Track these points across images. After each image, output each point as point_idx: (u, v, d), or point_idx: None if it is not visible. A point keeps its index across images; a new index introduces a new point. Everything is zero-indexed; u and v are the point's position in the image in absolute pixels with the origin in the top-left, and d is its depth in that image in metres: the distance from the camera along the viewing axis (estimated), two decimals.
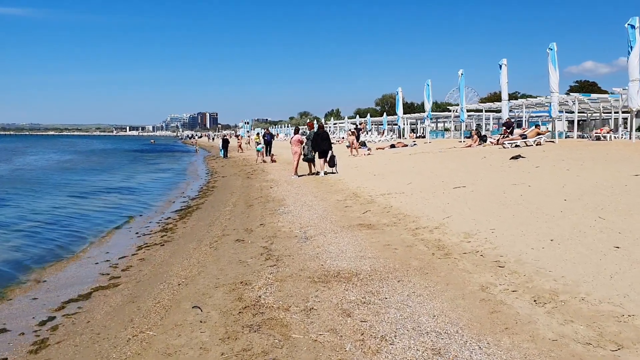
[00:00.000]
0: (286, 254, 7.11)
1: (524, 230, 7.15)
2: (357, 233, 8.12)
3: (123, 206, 15.47)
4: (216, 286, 5.97)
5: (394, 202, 10.76)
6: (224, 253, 7.74)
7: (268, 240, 8.17)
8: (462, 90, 33.39)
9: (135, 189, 20.03)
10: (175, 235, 10.29)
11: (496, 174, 13.45)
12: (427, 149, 26.83)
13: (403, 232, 7.89)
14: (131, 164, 38.95)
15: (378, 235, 7.87)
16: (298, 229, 8.86)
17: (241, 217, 11.16)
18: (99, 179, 24.73)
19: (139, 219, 13.11)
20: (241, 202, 13.69)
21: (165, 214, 13.65)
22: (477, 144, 26.38)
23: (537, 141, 22.31)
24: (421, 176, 14.49)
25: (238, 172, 24.51)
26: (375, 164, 20.30)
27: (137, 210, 14.74)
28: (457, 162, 17.73)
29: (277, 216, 10.37)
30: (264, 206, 12.10)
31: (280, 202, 12.36)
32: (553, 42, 23.41)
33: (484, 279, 5.37)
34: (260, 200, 13.29)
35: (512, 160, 16.20)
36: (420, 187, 12.30)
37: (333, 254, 6.88)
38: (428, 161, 19.40)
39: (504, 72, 28.40)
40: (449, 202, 9.87)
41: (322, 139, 17.84)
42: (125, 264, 8.30)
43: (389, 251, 6.82)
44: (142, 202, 16.51)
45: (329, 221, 9.37)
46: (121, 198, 17.32)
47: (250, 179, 20.15)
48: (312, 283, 5.63)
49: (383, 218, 9.18)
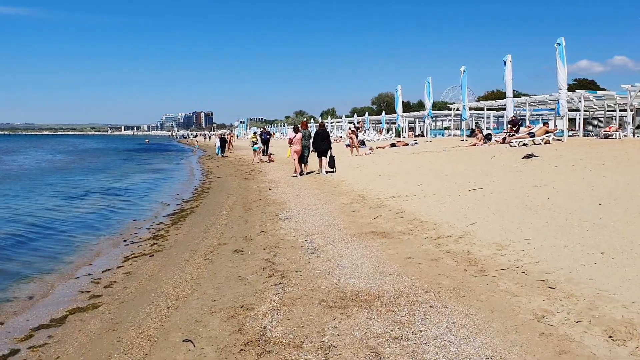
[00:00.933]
0: (292, 268, 6.17)
1: (565, 240, 6.24)
2: (370, 243, 7.19)
3: (112, 210, 14.50)
4: (212, 311, 5.03)
5: (407, 206, 9.84)
6: (221, 267, 6.81)
7: (270, 251, 7.23)
8: (464, 87, 32.57)
9: (127, 191, 19.04)
10: (166, 243, 9.34)
11: (512, 174, 12.55)
12: (430, 148, 25.94)
13: (424, 242, 6.97)
14: (124, 164, 37.88)
15: (395, 245, 6.95)
16: (303, 237, 7.92)
17: (239, 222, 10.22)
18: (89, 180, 23.71)
19: (129, 224, 12.15)
20: (239, 206, 12.75)
21: (157, 219, 12.69)
22: (482, 142, 25.50)
23: (546, 139, 21.43)
24: (431, 177, 13.57)
25: (234, 173, 23.54)
26: (379, 164, 19.39)
27: (127, 214, 13.77)
28: (466, 161, 16.83)
29: (278, 222, 9.44)
30: (264, 210, 11.16)
31: (281, 206, 11.42)
32: (561, 37, 22.56)
33: (536, 305, 4.45)
34: (259, 204, 12.35)
35: (524, 159, 15.32)
36: (432, 189, 11.39)
37: (347, 269, 5.95)
38: (434, 161, 18.49)
39: (508, 69, 27.48)
40: (469, 207, 8.95)
41: (322, 138, 17.38)
42: (108, 278, 7.35)
43: (412, 266, 5.90)
44: (133, 205, 15.54)
45: (336, 228, 8.44)
46: (111, 200, 16.34)
47: (248, 180, 19.20)
48: (327, 308, 4.70)
49: (397, 225, 8.26)
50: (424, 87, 36.35)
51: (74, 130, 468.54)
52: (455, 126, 49.59)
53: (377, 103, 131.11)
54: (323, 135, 17.59)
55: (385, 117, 51.68)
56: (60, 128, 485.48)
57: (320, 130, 17.95)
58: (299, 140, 17.53)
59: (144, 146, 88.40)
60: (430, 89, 36.54)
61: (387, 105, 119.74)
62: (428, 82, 35.83)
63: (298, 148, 17.44)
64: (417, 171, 15.41)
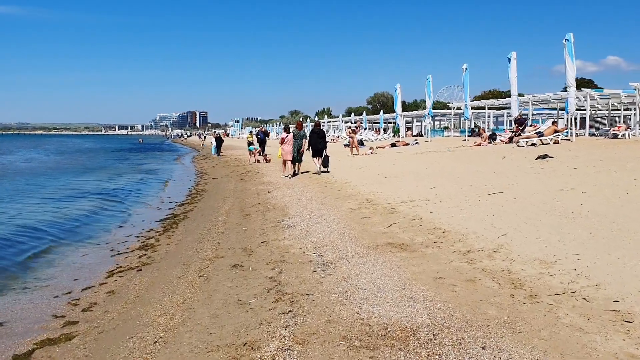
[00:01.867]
0: (302, 290, 5.24)
1: (622, 257, 5.34)
2: (389, 257, 6.27)
3: (100, 214, 13.50)
4: (208, 349, 4.10)
5: (422, 212, 8.93)
6: (218, 286, 5.87)
7: (274, 266, 6.30)
8: (466, 85, 31.62)
9: (117, 193, 18.03)
10: (156, 255, 8.37)
11: (530, 176, 11.67)
12: (433, 148, 25.06)
13: (452, 257, 6.05)
14: (116, 164, 36.76)
15: (419, 261, 6.03)
16: (311, 249, 6.99)
17: (237, 230, 9.27)
18: (78, 181, 22.67)
19: (117, 231, 11.17)
20: (236, 210, 11.81)
21: (147, 225, 11.71)
22: (487, 142, 24.65)
23: (555, 139, 20.61)
24: (442, 179, 12.67)
25: (230, 174, 22.57)
26: (382, 165, 18.47)
27: (115, 219, 12.78)
28: (476, 162, 15.94)
29: (281, 230, 8.50)
30: (264, 216, 10.23)
31: (283, 211, 10.49)
32: (570, 33, 21.73)
33: (616, 346, 3.55)
34: (258, 208, 11.41)
35: (539, 160, 14.47)
36: (447, 193, 10.48)
37: (368, 292, 5.03)
38: (441, 161, 17.59)
39: (513, 66, 26.64)
40: (494, 214, 8.04)
41: (318, 137, 17.35)
42: (88, 299, 6.38)
43: (446, 289, 4.98)
44: (122, 209, 14.55)
45: (347, 238, 7.52)
46: (100, 204, 15.33)
47: (244, 182, 18.25)
48: (352, 349, 3.77)
49: (416, 235, 7.34)
50: (424, 86, 35.49)
51: (67, 130, 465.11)
52: (455, 125, 48.74)
53: (372, 103, 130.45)
54: (319, 135, 17.51)
55: (383, 117, 50.72)
56: (54, 128, 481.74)
57: (316, 130, 17.87)
58: (289, 141, 17.27)
59: (137, 146, 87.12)
60: (431, 87, 35.74)
61: (383, 104, 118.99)
62: (428, 80, 34.98)
63: (288, 148, 17.11)
64: (425, 173, 14.50)
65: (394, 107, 42.84)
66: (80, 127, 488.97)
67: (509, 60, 26.85)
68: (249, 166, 24.72)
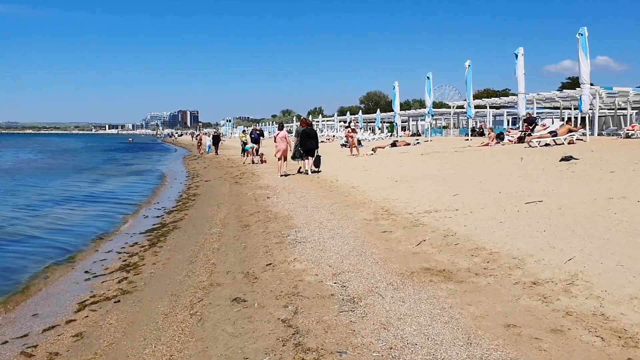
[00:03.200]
0: (330, 344, 3.90)
1: None
2: (433, 290, 4.94)
3: (78, 223, 12.05)
4: None
5: (453, 225, 7.60)
6: (216, 333, 4.50)
7: (287, 301, 4.95)
8: (469, 83, 30.29)
9: (100, 198, 16.55)
10: (139, 279, 6.96)
11: (564, 182, 10.39)
12: (438, 148, 23.78)
13: (517, 292, 4.73)
14: (102, 165, 35.09)
15: (474, 296, 4.70)
16: (330, 276, 5.65)
17: (235, 247, 7.89)
18: (60, 184, 21.12)
19: (96, 245, 9.74)
20: (233, 220, 10.43)
21: (131, 237, 10.30)
22: (494, 142, 23.42)
23: (569, 139, 19.40)
24: (462, 184, 11.36)
25: (223, 176, 21.16)
26: (388, 167, 17.16)
27: (96, 228, 11.34)
28: (493, 164, 14.65)
29: (288, 248, 7.15)
30: (266, 228, 8.87)
31: (287, 222, 9.14)
32: (583, 27, 20.52)
33: None
34: (258, 217, 10.04)
35: (562, 162, 13.23)
36: (475, 201, 9.17)
37: (422, 350, 3.69)
38: (453, 163, 16.29)
39: (520, 62, 25.45)
40: (545, 229, 6.73)
41: (310, 137, 17.11)
42: (47, 346, 4.98)
43: (528, 346, 3.65)
44: (105, 216, 13.09)
45: (371, 260, 6.18)
46: (81, 211, 13.88)
47: (240, 185, 16.87)
48: None
49: (457, 256, 6.01)
50: (424, 84, 34.31)
51: (57, 129, 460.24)
52: (454, 125, 47.55)
53: (365, 102, 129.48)
54: (311, 134, 17.27)
55: (380, 116, 49.43)
56: (43, 127, 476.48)
57: (308, 129, 17.56)
58: (282, 139, 17.30)
59: (127, 145, 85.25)
60: (431, 85, 34.54)
61: (376, 104, 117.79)
62: (428, 78, 33.77)
63: (281, 147, 17.21)
64: (440, 176, 13.19)
65: (392, 106, 41.55)
66: (71, 126, 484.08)
67: (516, 56, 25.63)
68: (244, 167, 23.33)
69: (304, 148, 17.04)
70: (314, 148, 17.17)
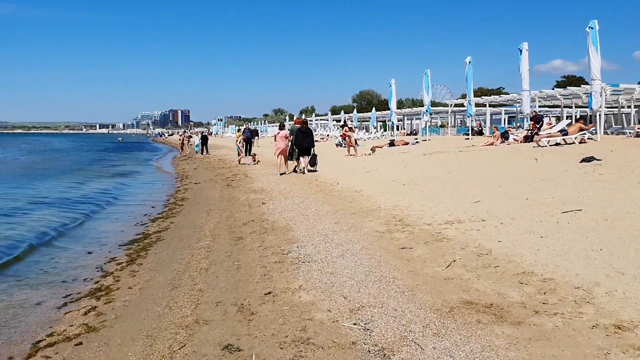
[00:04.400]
0: None
1: None
2: (486, 337, 3.78)
3: (51, 233, 10.70)
4: None
5: (484, 240, 6.45)
6: None
7: (294, 353, 3.79)
8: (469, 80, 29.12)
9: (79, 203, 15.21)
10: (110, 309, 5.72)
11: (596, 186, 9.26)
12: (439, 148, 22.65)
13: (600, 341, 3.58)
14: (88, 165, 33.57)
15: (544, 349, 3.55)
16: (346, 313, 4.47)
17: (227, 266, 6.69)
18: (39, 187, 19.72)
19: (66, 261, 8.47)
20: (223, 230, 9.22)
21: (108, 250, 9.05)
22: (500, 141, 22.34)
23: (581, 138, 18.32)
24: (480, 188, 10.21)
25: (214, 177, 19.91)
26: (391, 168, 16.00)
27: (69, 240, 10.06)
28: (507, 165, 13.51)
29: (291, 269, 5.97)
30: (262, 241, 7.67)
31: (287, 234, 7.95)
32: (594, 20, 19.45)
33: None
34: (253, 228, 8.85)
35: (584, 163, 12.13)
36: (502, 210, 8.02)
37: None
38: (461, 164, 15.14)
39: (524, 58, 24.31)
40: (601, 247, 5.58)
41: (306, 136, 16.83)
42: None
43: None
44: (82, 225, 11.80)
45: (395, 288, 5.02)
46: (55, 217, 12.55)
47: (232, 188, 15.65)
48: None
49: (502, 284, 4.86)
50: (422, 81, 33.22)
51: (48, 128, 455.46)
52: (451, 124, 46.52)
53: (358, 101, 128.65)
54: (306, 133, 17.00)
55: (375, 114, 48.30)
56: (33, 126, 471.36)
57: (303, 128, 17.25)
58: (281, 138, 17.04)
59: (116, 145, 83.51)
60: (429, 82, 33.40)
61: (369, 102, 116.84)
62: (426, 75, 32.63)
63: (281, 145, 16.95)
64: (451, 179, 12.04)
65: (389, 104, 40.39)
66: (61, 126, 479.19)
67: (520, 52, 24.48)
68: (236, 168, 22.07)
69: (299, 147, 16.76)
70: (310, 147, 16.89)
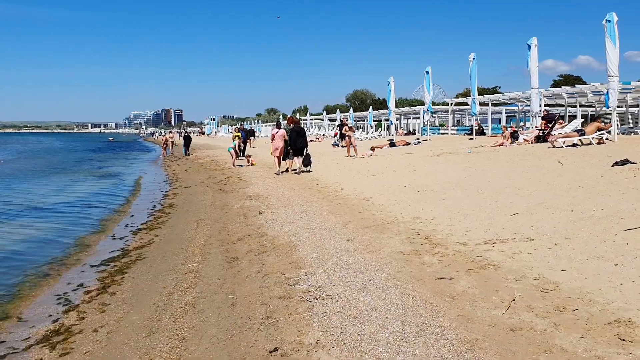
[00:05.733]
0: None
1: None
2: None
3: (14, 251, 9.28)
4: None
5: (541, 266, 5.14)
6: None
7: None
8: (473, 78, 27.85)
9: (57, 210, 13.71)
10: None
11: None
12: (445, 149, 21.33)
13: None
14: (74, 166, 31.89)
15: None
16: None
17: (219, 301, 5.33)
18: (14, 191, 18.21)
19: (26, 291, 7.04)
20: (215, 247, 7.86)
21: (78, 274, 7.64)
22: (510, 142, 21.06)
23: (599, 138, 17.08)
24: (509, 197, 8.90)
25: (206, 181, 18.52)
26: (398, 171, 14.66)
27: (31, 261, 8.54)
28: (528, 169, 12.19)
29: (300, 310, 4.62)
30: (262, 265, 6.33)
31: (291, 255, 6.61)
32: (612, 13, 18.20)
33: None
34: (250, 245, 7.51)
35: (618, 167, 10.87)
36: (549, 226, 6.70)
37: None
38: (476, 167, 13.79)
39: (533, 54, 23.06)
40: None
41: (299, 136, 16.76)
42: None
43: None
44: (51, 239, 10.31)
45: (447, 344, 3.71)
46: (25, 230, 11.13)
47: (225, 193, 14.29)
48: None
49: (592, 339, 3.54)
50: (424, 79, 31.93)
51: (39, 127, 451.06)
52: (453, 124, 45.29)
53: (352, 100, 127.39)
54: (300, 133, 16.90)
55: (372, 113, 46.98)
56: (25, 126, 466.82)
57: (297, 128, 17.19)
58: (280, 137, 16.95)
59: (106, 145, 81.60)
60: (430, 80, 32.12)
61: (362, 102, 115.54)
62: (427, 73, 31.33)
63: (278, 144, 16.90)
64: (471, 184, 10.72)
65: (387, 103, 39.08)
66: (53, 125, 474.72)
67: (529, 47, 23.21)
68: (229, 171, 20.67)
69: (292, 147, 16.67)
70: (303, 147, 16.73)
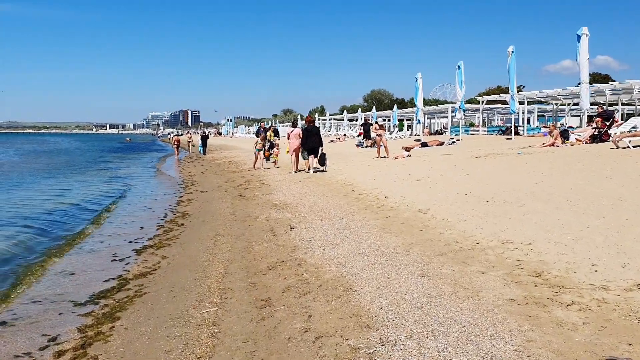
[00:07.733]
0: None
1: None
2: None
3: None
4: None
5: None
6: None
7: None
8: (512, 73, 25.48)
9: (51, 221, 11.86)
10: None
11: None
12: (487, 149, 19.16)
13: None
14: (84, 168, 30.15)
15: None
16: None
17: None
18: (12, 197, 16.54)
19: None
20: (238, 281, 5.93)
21: (58, 312, 5.76)
22: (561, 141, 18.85)
23: None
24: (619, 212, 6.82)
25: (224, 184, 16.68)
26: (447, 175, 12.58)
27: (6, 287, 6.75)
28: (614, 176, 10.05)
29: None
30: (308, 319, 4.40)
31: (349, 301, 4.67)
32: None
33: None
34: (285, 280, 5.56)
35: None
36: None
37: None
38: (540, 171, 11.61)
39: (583, 45, 20.58)
40: None
41: (312, 135, 16.28)
42: None
43: None
44: (34, 261, 8.45)
45: None
46: (13, 244, 9.34)
47: (246, 200, 12.42)
48: None
49: None
50: (455, 75, 29.64)
51: (58, 128, 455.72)
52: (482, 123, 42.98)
53: (369, 100, 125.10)
54: (313, 132, 16.43)
55: (397, 112, 44.82)
56: (44, 126, 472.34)
57: (310, 126, 16.74)
58: (295, 136, 16.76)
59: (123, 145, 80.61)
60: (463, 76, 29.74)
61: (380, 102, 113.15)
62: (459, 68, 29.04)
63: (295, 144, 16.70)
64: (554, 194, 8.62)
65: (415, 100, 36.91)
66: (71, 126, 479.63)
67: (578, 38, 20.76)
68: (249, 173, 18.75)
69: (306, 147, 16.13)
70: (317, 146, 16.18)
